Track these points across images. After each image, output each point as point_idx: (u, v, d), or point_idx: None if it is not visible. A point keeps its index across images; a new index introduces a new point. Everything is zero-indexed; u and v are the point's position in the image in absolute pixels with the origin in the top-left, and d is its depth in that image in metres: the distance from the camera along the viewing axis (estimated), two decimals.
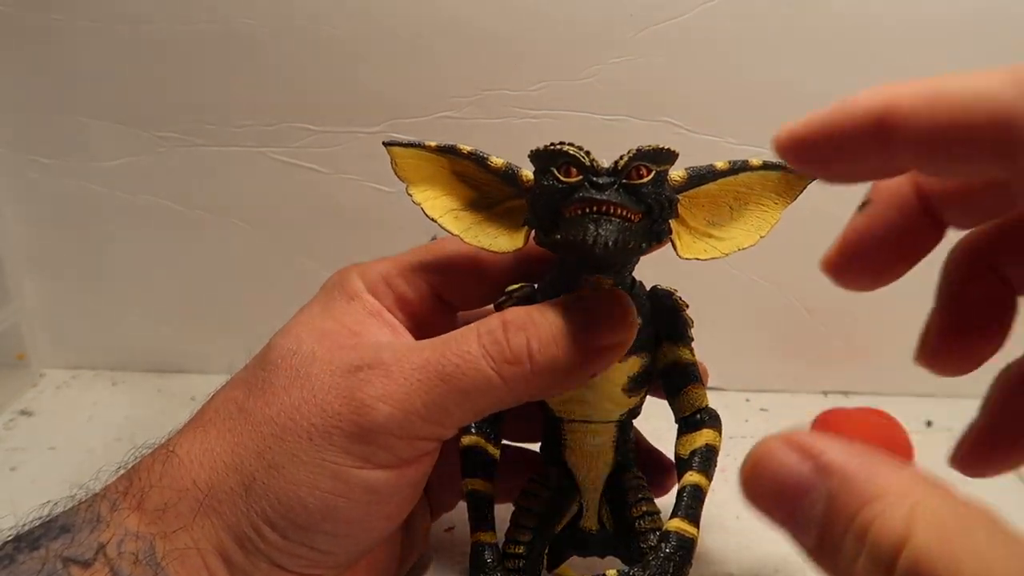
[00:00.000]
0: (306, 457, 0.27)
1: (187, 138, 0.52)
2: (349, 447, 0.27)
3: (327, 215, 0.53)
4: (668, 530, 0.29)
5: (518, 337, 0.27)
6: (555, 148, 0.26)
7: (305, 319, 0.31)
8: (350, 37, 0.49)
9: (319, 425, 0.27)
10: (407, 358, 0.27)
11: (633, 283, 0.31)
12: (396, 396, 0.27)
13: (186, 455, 0.28)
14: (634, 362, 0.31)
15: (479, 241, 0.30)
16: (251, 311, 0.56)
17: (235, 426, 0.28)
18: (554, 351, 0.27)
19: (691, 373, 0.32)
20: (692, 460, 0.30)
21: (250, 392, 0.29)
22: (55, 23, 0.49)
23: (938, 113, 0.17)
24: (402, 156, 0.30)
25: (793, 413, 0.54)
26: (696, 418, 0.31)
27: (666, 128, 0.50)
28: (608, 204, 0.26)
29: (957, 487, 0.16)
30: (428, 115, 0.50)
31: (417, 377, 0.27)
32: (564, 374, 0.28)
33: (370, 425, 0.27)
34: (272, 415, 0.28)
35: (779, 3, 0.47)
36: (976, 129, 0.16)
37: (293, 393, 0.28)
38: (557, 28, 0.48)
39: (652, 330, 0.32)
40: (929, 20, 0.47)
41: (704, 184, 0.30)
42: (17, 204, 0.54)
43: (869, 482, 0.16)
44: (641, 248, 0.27)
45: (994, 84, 0.16)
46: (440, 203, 0.31)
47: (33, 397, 0.56)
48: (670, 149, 0.27)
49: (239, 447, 0.27)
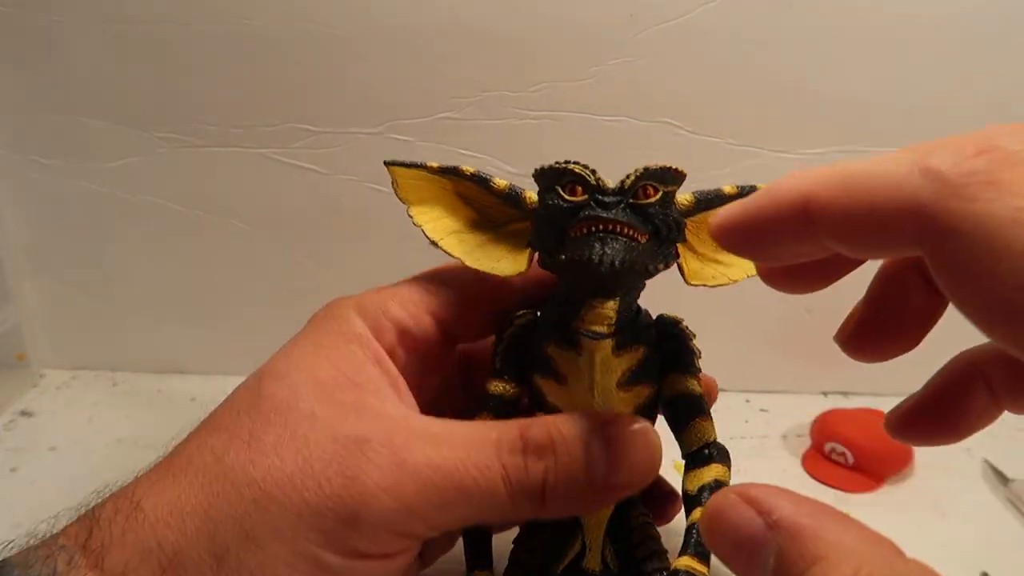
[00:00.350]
0: (289, 534, 0.24)
1: (187, 138, 0.52)
2: (337, 531, 0.24)
3: (327, 215, 0.53)
4: (678, 568, 0.27)
5: (537, 467, 0.25)
6: (560, 167, 0.26)
7: (298, 361, 0.28)
8: (350, 37, 0.49)
9: (313, 503, 0.24)
10: (421, 449, 0.25)
11: (638, 311, 0.30)
12: (403, 492, 0.24)
13: (152, 509, 0.25)
14: (639, 392, 0.30)
15: (481, 264, 0.29)
16: (251, 311, 0.56)
17: (211, 481, 0.25)
18: (568, 488, 0.26)
19: (698, 405, 0.30)
20: (701, 496, 0.28)
21: (232, 443, 0.26)
22: (55, 23, 0.49)
23: (853, 204, 0.17)
24: (403, 176, 0.30)
25: (793, 413, 0.54)
26: (705, 453, 0.29)
27: (666, 129, 0.50)
28: (615, 223, 0.25)
29: (902, 549, 0.16)
30: (428, 115, 0.50)
31: (431, 478, 0.25)
32: (574, 509, 0.27)
33: (367, 515, 0.24)
34: (258, 477, 0.25)
35: (779, 3, 0.47)
36: (889, 220, 0.17)
37: (286, 457, 0.25)
38: (557, 28, 0.48)
39: (658, 359, 0.30)
40: (929, 20, 0.47)
41: (711, 208, 0.29)
42: (17, 205, 0.54)
43: (815, 541, 0.16)
44: (647, 270, 0.26)
45: (901, 172, 0.17)
46: (442, 225, 0.30)
47: (33, 397, 0.56)
48: (678, 169, 0.26)
49: (213, 509, 0.24)
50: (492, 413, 0.30)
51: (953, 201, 0.16)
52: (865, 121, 0.50)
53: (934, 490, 0.47)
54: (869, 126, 0.50)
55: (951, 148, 0.16)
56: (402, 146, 0.51)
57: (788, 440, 0.52)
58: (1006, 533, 0.43)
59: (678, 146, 0.50)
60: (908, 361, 0.24)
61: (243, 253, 0.55)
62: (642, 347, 0.29)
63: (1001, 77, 0.49)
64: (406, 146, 0.51)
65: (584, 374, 0.29)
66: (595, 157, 0.27)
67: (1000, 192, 0.15)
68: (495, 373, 0.31)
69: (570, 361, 0.29)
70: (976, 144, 0.16)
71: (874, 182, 0.17)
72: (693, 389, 0.30)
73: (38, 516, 0.27)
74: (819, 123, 0.50)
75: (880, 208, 0.17)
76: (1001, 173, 0.15)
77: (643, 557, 0.31)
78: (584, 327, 0.28)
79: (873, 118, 0.50)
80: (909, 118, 0.50)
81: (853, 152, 0.50)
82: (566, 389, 0.29)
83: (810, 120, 0.50)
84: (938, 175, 0.16)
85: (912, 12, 0.47)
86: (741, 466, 0.53)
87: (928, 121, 0.49)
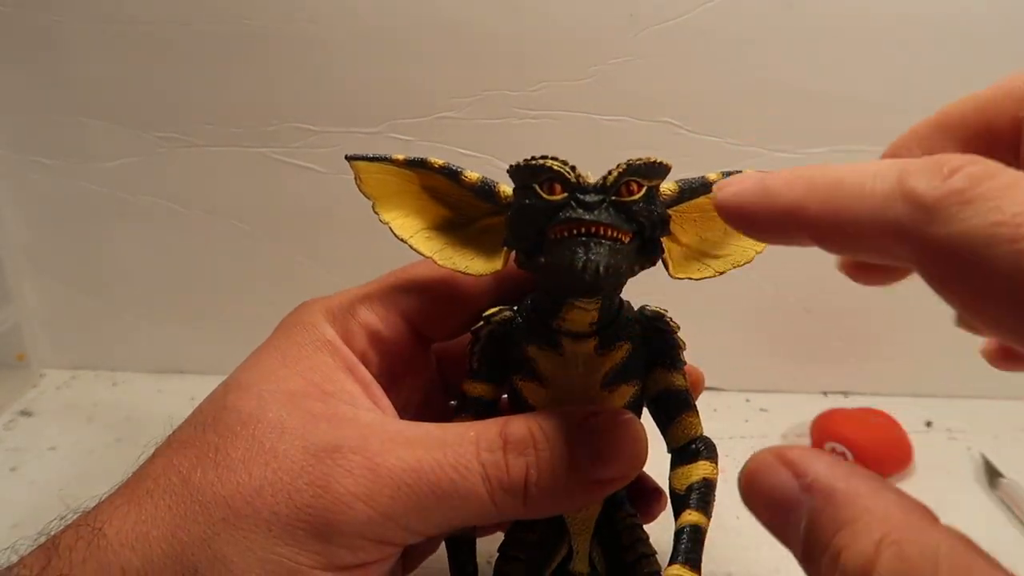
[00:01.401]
0: (260, 552, 0.23)
1: (187, 138, 0.52)
2: (310, 544, 0.23)
3: (327, 215, 0.53)
4: None
5: (518, 463, 0.25)
6: (537, 163, 0.24)
7: (265, 371, 0.27)
8: (350, 37, 0.49)
9: (283, 515, 0.23)
10: (395, 452, 0.24)
11: (621, 304, 0.28)
12: (378, 498, 0.23)
13: (115, 535, 0.23)
14: (624, 391, 0.28)
15: (454, 263, 0.28)
16: (251, 311, 0.56)
17: (177, 503, 0.24)
18: (552, 483, 0.25)
19: (684, 400, 0.29)
20: (689, 497, 0.27)
21: (199, 462, 0.25)
22: (55, 23, 0.49)
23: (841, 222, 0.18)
24: (367, 171, 0.28)
25: (793, 413, 0.54)
26: (692, 448, 0.28)
27: (666, 128, 0.50)
28: (598, 225, 0.23)
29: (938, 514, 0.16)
30: (428, 115, 0.50)
31: (406, 481, 0.24)
32: (559, 506, 0.26)
33: (341, 525, 0.23)
34: (226, 495, 0.24)
35: (779, 3, 0.47)
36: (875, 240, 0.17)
37: (255, 472, 0.24)
38: (557, 28, 0.48)
39: (642, 355, 0.29)
40: (929, 20, 0.47)
41: (696, 198, 0.27)
42: (17, 205, 0.54)
43: (846, 506, 0.16)
44: (633, 271, 0.25)
45: (885, 191, 0.17)
46: (410, 222, 0.28)
47: (33, 397, 0.56)
48: (662, 162, 0.24)
49: (180, 531, 0.23)
50: (473, 415, 0.29)
51: (933, 227, 0.16)
52: (865, 121, 0.50)
53: (934, 490, 0.47)
54: (869, 126, 0.50)
55: (930, 168, 0.16)
56: (402, 146, 0.51)
57: (788, 440, 0.52)
58: (1007, 533, 0.43)
59: (678, 146, 0.50)
60: (908, 361, 0.24)
61: (243, 253, 0.55)
62: (626, 344, 0.28)
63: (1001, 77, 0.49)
64: (406, 146, 0.51)
65: (566, 375, 0.28)
66: (595, 157, 0.26)
67: (977, 209, 0.15)
68: (473, 374, 0.30)
69: (552, 362, 0.28)
70: (951, 163, 0.16)
71: (860, 203, 0.17)
72: (679, 384, 0.29)
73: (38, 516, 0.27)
74: (819, 123, 0.50)
75: (866, 229, 0.17)
76: (977, 188, 0.15)
77: (632, 560, 0.30)
78: (565, 327, 0.27)
79: (873, 118, 0.50)
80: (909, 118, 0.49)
81: (853, 152, 0.50)
82: (548, 390, 0.28)
83: (810, 120, 0.50)
84: (917, 199, 0.16)
85: (912, 12, 0.47)
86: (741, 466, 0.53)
87: None
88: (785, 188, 0.19)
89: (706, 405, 0.31)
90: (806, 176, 0.18)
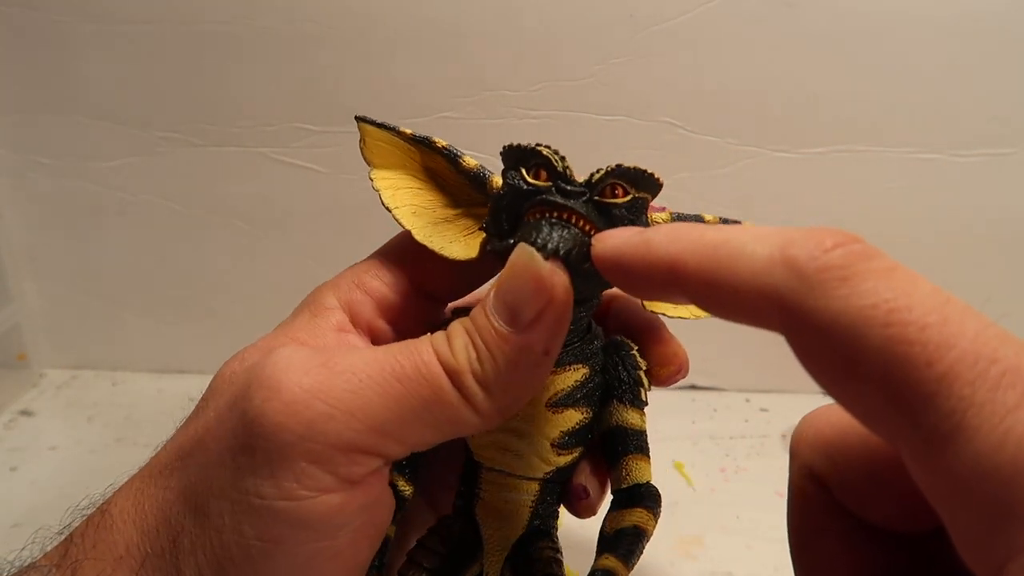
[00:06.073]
0: (229, 490, 0.22)
1: (187, 138, 0.52)
2: (273, 467, 0.21)
3: (327, 215, 0.53)
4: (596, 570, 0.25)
5: (459, 343, 0.23)
6: (529, 147, 0.24)
7: (260, 341, 0.27)
8: (350, 37, 0.49)
9: (238, 434, 0.22)
10: (352, 354, 0.23)
11: (590, 327, 0.27)
12: (333, 394, 0.22)
13: (119, 514, 0.24)
14: (571, 416, 0.27)
15: (431, 242, 0.27)
16: (251, 311, 0.56)
17: (170, 473, 0.24)
18: (489, 353, 0.23)
19: (636, 441, 0.27)
20: (617, 542, 0.26)
21: (184, 426, 0.25)
22: (55, 23, 0.49)
23: (717, 281, 0.17)
24: (372, 136, 0.28)
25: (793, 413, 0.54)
26: (632, 492, 0.27)
27: (666, 128, 0.50)
28: (570, 212, 0.23)
29: None
30: (428, 115, 0.50)
31: (367, 372, 0.22)
32: (512, 384, 0.24)
33: (300, 428, 0.21)
34: (196, 439, 0.24)
35: (779, 3, 0.47)
36: (751, 304, 0.17)
37: (210, 415, 0.24)
38: (557, 28, 0.48)
39: (601, 384, 0.27)
40: (928, 20, 0.47)
41: None
42: (17, 205, 0.54)
43: None
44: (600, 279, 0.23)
45: (764, 256, 0.17)
46: (401, 195, 0.28)
47: (33, 397, 0.56)
48: (654, 175, 0.24)
49: (168, 492, 0.23)
50: None
51: (809, 299, 0.16)
52: (865, 121, 0.50)
53: None
54: (869, 126, 0.50)
55: (812, 239, 0.16)
56: None
57: (788, 440, 0.52)
58: None
59: (678, 146, 0.50)
60: None
61: (243, 253, 0.55)
62: (583, 368, 0.27)
63: (1001, 77, 0.49)
64: None
65: None
66: (595, 157, 0.26)
67: (853, 288, 0.15)
68: None
69: None
70: (835, 238, 0.16)
71: (737, 264, 0.17)
72: (634, 423, 0.27)
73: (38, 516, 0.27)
74: (819, 123, 0.50)
75: (743, 292, 0.17)
76: (855, 267, 0.15)
77: None
78: None
79: (873, 118, 0.50)
80: (909, 118, 0.50)
81: (853, 152, 0.50)
82: None
83: (810, 120, 0.50)
84: (796, 268, 0.16)
85: (912, 12, 0.47)
86: (741, 466, 0.53)
87: (928, 121, 0.49)
88: (666, 243, 0.19)
89: (706, 405, 0.30)
90: (690, 234, 0.18)
